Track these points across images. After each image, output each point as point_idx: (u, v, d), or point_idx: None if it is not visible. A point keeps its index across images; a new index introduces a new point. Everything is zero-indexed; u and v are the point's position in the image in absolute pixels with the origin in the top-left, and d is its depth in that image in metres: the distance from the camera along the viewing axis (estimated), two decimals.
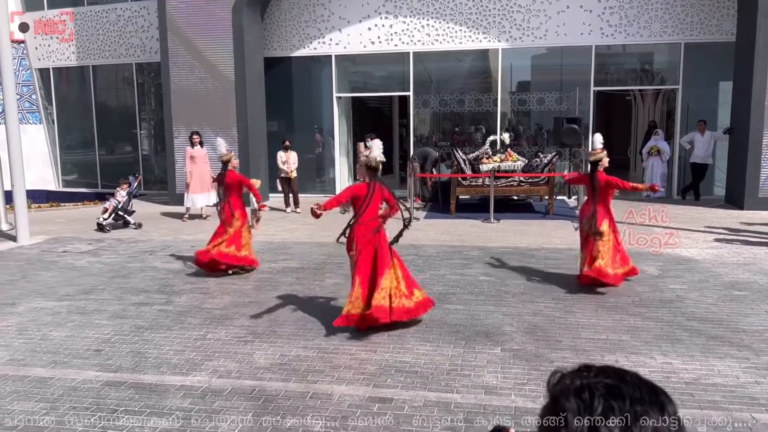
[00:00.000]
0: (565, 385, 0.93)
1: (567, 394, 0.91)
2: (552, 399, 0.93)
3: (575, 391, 0.90)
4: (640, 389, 0.90)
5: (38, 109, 16.85)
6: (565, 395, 0.91)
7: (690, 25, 13.14)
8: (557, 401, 0.91)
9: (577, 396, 0.89)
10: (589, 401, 0.88)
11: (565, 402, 0.90)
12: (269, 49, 14.62)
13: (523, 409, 4.18)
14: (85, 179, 17.15)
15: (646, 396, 0.89)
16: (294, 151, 12.92)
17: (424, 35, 14.06)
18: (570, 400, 0.89)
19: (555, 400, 0.92)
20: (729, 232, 9.95)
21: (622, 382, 0.91)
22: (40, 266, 8.61)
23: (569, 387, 0.92)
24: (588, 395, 0.89)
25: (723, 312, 6.13)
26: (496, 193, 11.69)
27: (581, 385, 0.91)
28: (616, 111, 17.13)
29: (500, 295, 6.81)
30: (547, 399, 0.96)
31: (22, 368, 5.07)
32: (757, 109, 11.74)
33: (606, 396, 0.88)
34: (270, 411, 4.23)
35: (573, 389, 0.91)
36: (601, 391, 0.89)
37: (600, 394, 0.88)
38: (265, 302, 6.72)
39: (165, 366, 5.05)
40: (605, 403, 0.87)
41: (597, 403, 0.87)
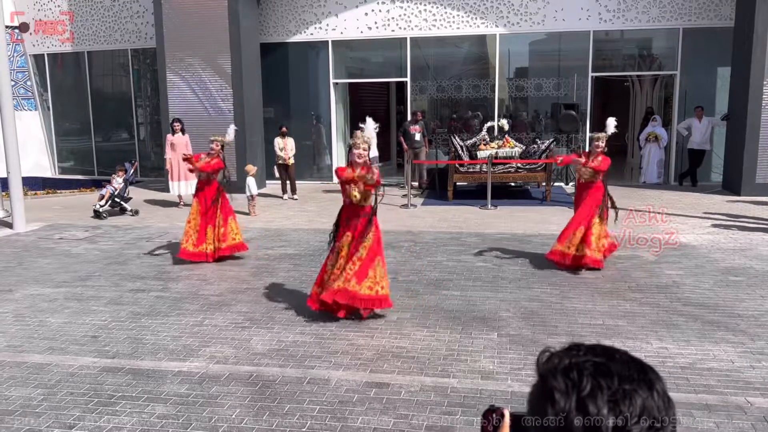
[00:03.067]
0: (553, 365, 0.92)
1: (555, 373, 0.90)
2: (541, 378, 0.93)
3: (563, 370, 0.90)
4: (628, 367, 0.90)
5: (33, 95, 16.73)
6: (553, 374, 0.90)
7: (688, 9, 13.07)
8: (545, 380, 0.91)
9: (565, 375, 0.89)
10: (578, 380, 0.87)
11: (553, 381, 0.89)
12: (265, 34, 14.51)
13: (519, 393, 4.20)
14: (82, 166, 17.07)
15: (635, 374, 0.89)
16: (291, 138, 12.87)
17: (421, 20, 13.97)
18: (558, 379, 0.89)
19: (543, 379, 0.92)
20: (726, 218, 9.96)
21: (610, 361, 0.90)
22: (36, 253, 8.60)
23: (557, 366, 0.91)
24: (576, 374, 0.88)
25: (719, 297, 6.15)
26: (494, 179, 11.67)
27: (569, 363, 0.91)
28: (614, 97, 17.09)
29: (497, 280, 6.83)
30: (536, 379, 0.95)
31: (19, 354, 5.07)
32: (755, 95, 11.70)
33: (594, 374, 0.88)
34: (267, 396, 4.25)
35: (561, 368, 0.90)
36: (589, 370, 0.88)
37: (588, 373, 0.88)
38: (262, 288, 6.72)
39: (162, 352, 5.06)
40: (593, 382, 0.87)
41: (585, 382, 0.87)
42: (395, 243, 8.63)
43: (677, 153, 14.03)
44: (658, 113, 14.52)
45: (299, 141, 13.48)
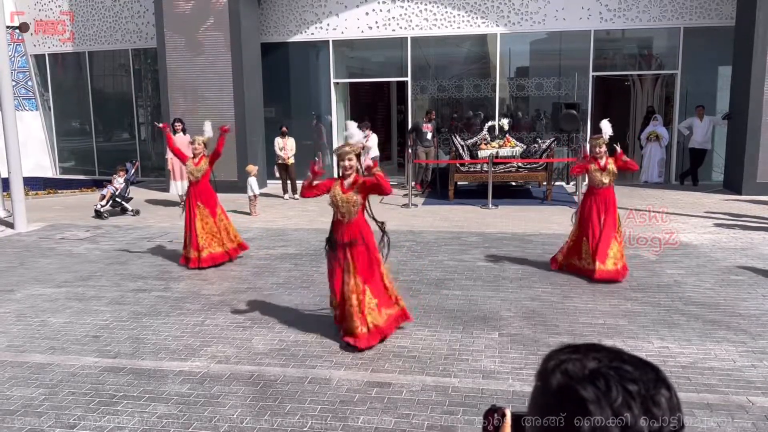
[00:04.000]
0: (570, 372, 0.89)
1: (581, 383, 0.87)
2: (561, 388, 0.89)
3: (588, 379, 0.87)
4: (643, 369, 0.89)
5: (34, 95, 16.74)
6: (580, 384, 0.87)
7: (689, 9, 13.06)
8: (569, 390, 0.87)
9: (593, 384, 0.86)
10: (606, 389, 0.85)
11: (583, 392, 0.86)
12: (266, 34, 14.52)
13: (520, 393, 4.20)
14: (83, 166, 17.08)
15: (652, 375, 0.88)
16: (291, 138, 12.87)
17: (422, 20, 13.97)
18: (587, 390, 0.86)
19: (567, 388, 0.88)
20: (727, 217, 9.95)
21: (624, 363, 0.89)
22: (37, 253, 8.60)
23: (577, 374, 0.88)
24: (603, 382, 0.86)
25: (720, 296, 6.15)
26: (495, 179, 11.66)
27: (591, 371, 0.88)
28: (615, 96, 17.05)
29: (498, 280, 6.82)
30: (547, 386, 0.92)
31: (21, 354, 5.07)
32: (756, 94, 11.69)
33: (620, 381, 0.86)
34: (269, 396, 4.25)
35: (584, 377, 0.87)
36: (615, 378, 0.86)
37: (615, 381, 0.86)
38: (263, 288, 6.72)
39: (163, 352, 5.06)
40: (623, 390, 0.85)
41: (615, 391, 0.85)
42: (396, 243, 8.61)
43: (678, 152, 14.02)
44: (659, 112, 14.50)
45: (300, 141, 13.47)
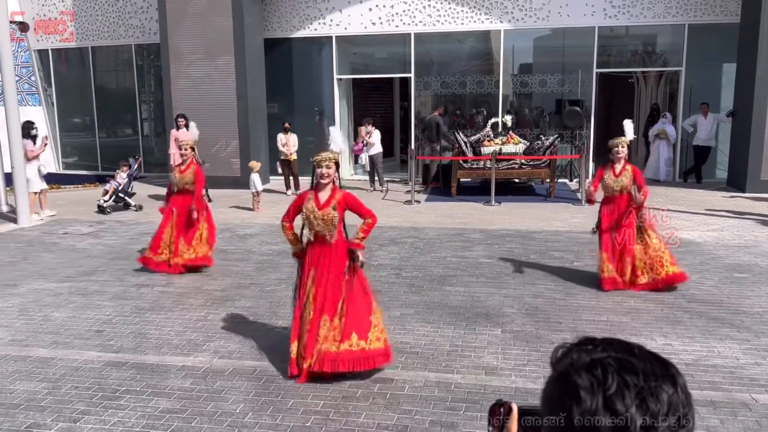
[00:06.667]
0: (572, 360, 0.89)
1: (578, 370, 0.86)
2: (561, 375, 0.89)
3: (586, 367, 0.86)
4: (651, 363, 0.87)
5: (38, 90, 16.74)
6: (576, 371, 0.86)
7: (694, 5, 13.00)
8: (567, 377, 0.87)
9: (589, 372, 0.85)
10: (602, 377, 0.84)
11: (577, 378, 0.86)
12: (269, 30, 14.49)
13: (523, 389, 4.20)
14: (85, 161, 17.08)
15: (658, 369, 0.86)
16: (294, 134, 12.86)
17: (425, 16, 13.93)
18: (582, 377, 0.85)
19: (565, 376, 0.88)
20: (730, 215, 9.92)
21: (631, 356, 0.88)
22: (41, 248, 8.61)
23: (577, 362, 0.88)
24: (600, 371, 0.85)
25: (723, 294, 6.14)
26: (498, 176, 11.64)
27: (591, 360, 0.87)
28: (619, 93, 17.01)
29: (501, 277, 6.82)
30: (552, 375, 0.92)
31: (24, 349, 5.08)
32: (761, 91, 11.64)
33: (619, 371, 0.85)
34: (271, 391, 4.25)
35: (583, 364, 0.87)
36: (613, 367, 0.85)
37: (613, 370, 0.85)
38: (266, 284, 6.73)
39: (166, 347, 5.06)
40: (619, 379, 0.84)
41: (611, 379, 0.84)
42: (399, 239, 8.63)
43: (682, 150, 13.98)
44: (663, 109, 14.46)
45: (303, 137, 13.46)
